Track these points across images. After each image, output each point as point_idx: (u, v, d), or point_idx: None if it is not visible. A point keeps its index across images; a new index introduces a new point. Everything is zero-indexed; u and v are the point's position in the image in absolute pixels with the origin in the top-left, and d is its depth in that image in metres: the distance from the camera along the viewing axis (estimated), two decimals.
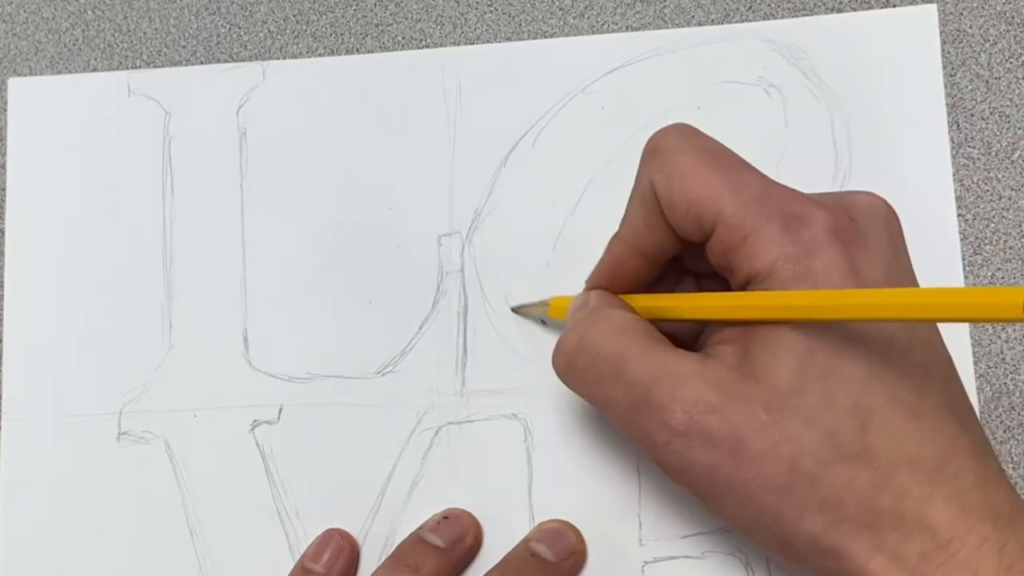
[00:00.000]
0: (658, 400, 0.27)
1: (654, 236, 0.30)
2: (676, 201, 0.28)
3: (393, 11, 0.40)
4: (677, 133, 0.29)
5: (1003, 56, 0.37)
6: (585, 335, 0.29)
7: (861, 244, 0.27)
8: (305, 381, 0.37)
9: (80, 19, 0.41)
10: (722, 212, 0.27)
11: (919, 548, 0.25)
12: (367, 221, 0.38)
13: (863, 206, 0.28)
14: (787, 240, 0.26)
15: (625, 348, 0.28)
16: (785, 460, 0.25)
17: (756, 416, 0.26)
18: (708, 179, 0.28)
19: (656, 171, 0.29)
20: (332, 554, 0.35)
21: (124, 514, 0.36)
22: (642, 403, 0.27)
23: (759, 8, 0.38)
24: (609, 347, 0.28)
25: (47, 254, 0.38)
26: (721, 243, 0.27)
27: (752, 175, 0.28)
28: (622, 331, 0.28)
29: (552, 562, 0.34)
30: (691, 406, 0.26)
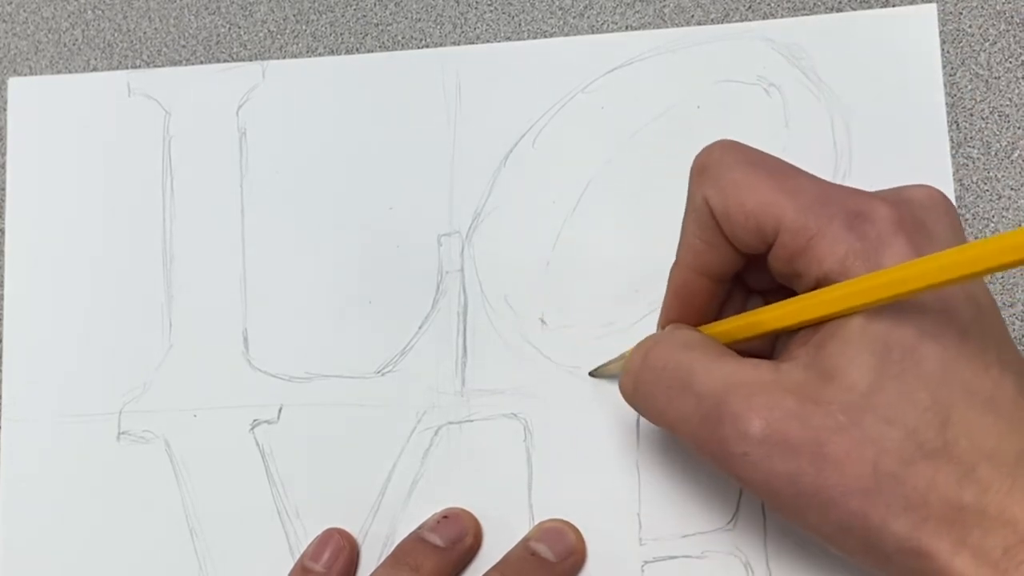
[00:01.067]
0: (732, 410, 0.26)
1: (715, 254, 0.29)
2: (733, 214, 0.28)
3: (393, 11, 0.40)
4: (723, 148, 0.29)
5: (1003, 56, 0.37)
6: (650, 351, 0.29)
7: (925, 235, 0.27)
8: (305, 381, 0.37)
9: (80, 19, 0.41)
10: (783, 218, 0.27)
11: (1002, 542, 0.25)
12: (367, 221, 0.38)
13: (921, 199, 0.28)
14: (854, 237, 0.26)
15: (693, 360, 0.28)
16: (868, 462, 0.25)
17: (835, 418, 0.25)
18: (763, 187, 0.27)
19: (709, 187, 0.28)
20: (332, 553, 0.35)
21: (124, 514, 0.36)
22: (715, 415, 0.26)
23: (759, 8, 0.38)
24: (676, 361, 0.28)
25: (47, 254, 0.38)
26: (785, 249, 0.27)
27: (806, 179, 0.28)
28: (688, 345, 0.28)
29: (552, 562, 0.34)
30: (767, 413, 0.26)
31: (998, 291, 0.36)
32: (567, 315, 0.36)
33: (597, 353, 0.36)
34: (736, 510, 0.34)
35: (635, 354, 0.29)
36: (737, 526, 0.34)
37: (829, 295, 0.26)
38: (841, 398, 0.25)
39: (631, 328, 0.36)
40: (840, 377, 0.26)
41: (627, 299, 0.36)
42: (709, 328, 0.30)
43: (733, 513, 0.34)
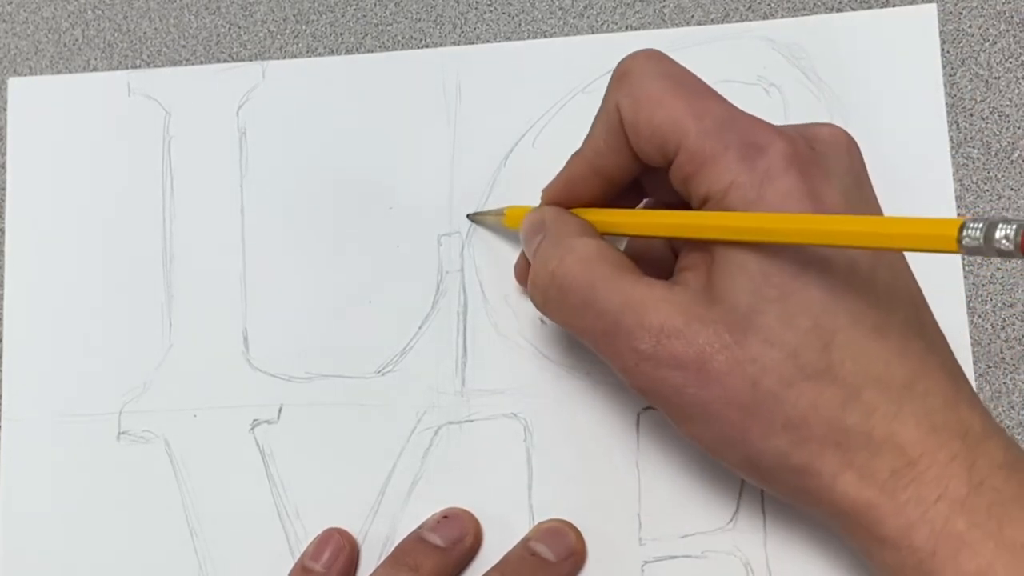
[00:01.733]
0: (627, 327, 0.28)
1: (615, 158, 0.30)
2: (641, 126, 0.29)
3: (393, 11, 0.40)
4: (646, 57, 0.30)
5: (1003, 56, 0.37)
6: (556, 270, 0.30)
7: (820, 170, 0.27)
8: (305, 381, 0.37)
9: (80, 19, 0.41)
10: (684, 139, 0.28)
11: (889, 465, 0.26)
12: (367, 221, 0.38)
13: (824, 136, 0.29)
14: (743, 168, 0.27)
15: (594, 279, 0.29)
16: (748, 379, 0.26)
17: (720, 337, 0.27)
18: (674, 105, 0.28)
19: (623, 95, 0.29)
20: (332, 553, 0.35)
21: (124, 514, 0.36)
22: (612, 330, 0.28)
23: (759, 8, 0.38)
24: (579, 279, 0.29)
25: (47, 254, 0.38)
26: (681, 170, 0.28)
27: (717, 102, 0.29)
28: (589, 262, 0.29)
29: (552, 562, 0.34)
30: (657, 331, 0.27)
31: (998, 291, 0.36)
32: None
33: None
34: (736, 510, 0.34)
35: (541, 270, 0.30)
36: (737, 526, 0.34)
37: (702, 220, 0.27)
38: (726, 318, 0.27)
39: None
40: (725, 299, 0.27)
41: None
42: (589, 213, 0.31)
43: (733, 513, 0.34)
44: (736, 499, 0.34)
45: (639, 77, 0.29)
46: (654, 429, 0.35)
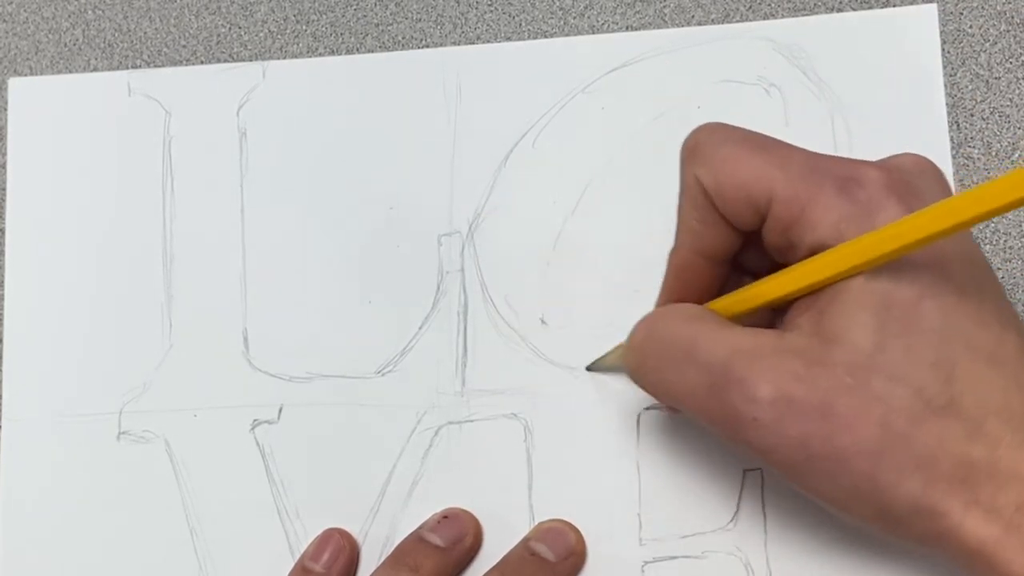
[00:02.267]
0: (739, 375, 0.26)
1: (711, 233, 0.29)
2: (726, 189, 0.28)
3: (393, 11, 0.40)
4: (710, 128, 0.29)
5: (1003, 56, 0.37)
6: (652, 326, 0.29)
7: (917, 197, 0.27)
8: (305, 381, 0.37)
9: (80, 19, 0.41)
10: (774, 189, 0.27)
11: (1015, 499, 0.25)
12: (367, 221, 0.38)
13: (910, 165, 0.28)
14: (846, 202, 0.26)
15: (696, 331, 0.27)
16: (876, 421, 0.25)
17: (841, 380, 0.25)
18: (753, 161, 0.28)
19: (699, 166, 0.29)
20: (332, 554, 0.35)
21: (124, 514, 0.36)
22: (721, 383, 0.26)
23: (759, 8, 0.38)
24: (680, 333, 0.28)
25: (47, 254, 0.38)
26: (779, 221, 0.27)
27: (795, 150, 0.28)
28: (691, 317, 0.28)
29: (552, 562, 0.34)
30: (775, 376, 0.26)
31: None
32: (567, 315, 0.36)
33: (597, 353, 0.36)
34: (736, 510, 0.34)
35: (638, 329, 0.29)
36: (737, 526, 0.34)
37: (825, 259, 0.26)
38: (846, 359, 0.25)
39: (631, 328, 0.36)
40: (844, 339, 0.26)
41: (627, 299, 0.36)
42: (709, 305, 0.30)
43: (733, 513, 0.34)
44: (736, 499, 0.34)
45: (710, 145, 0.29)
46: (654, 429, 0.35)
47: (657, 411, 0.35)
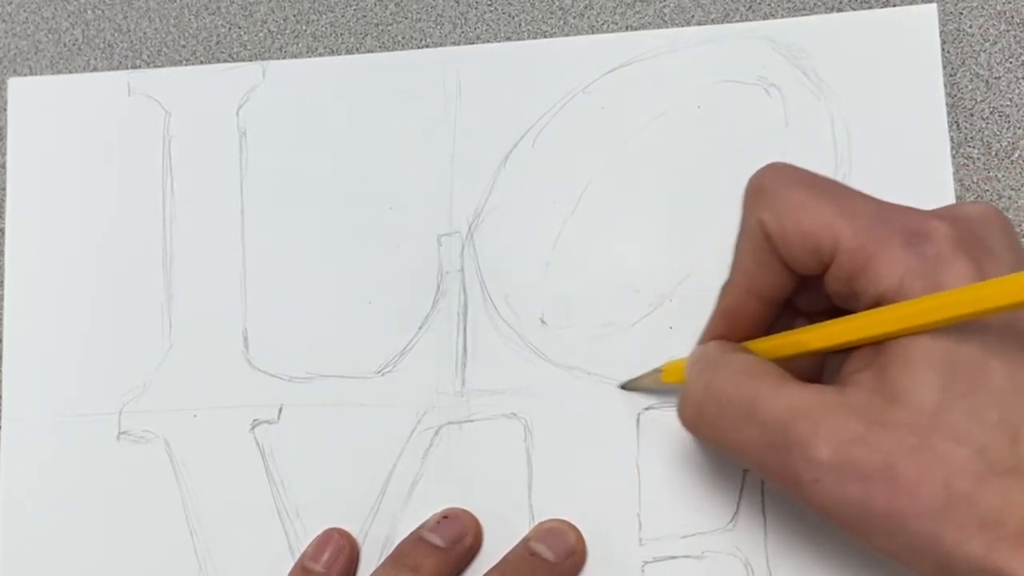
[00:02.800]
0: (799, 437, 0.26)
1: (768, 276, 0.29)
2: (790, 236, 0.28)
3: (393, 11, 0.40)
4: (776, 170, 0.29)
5: (1003, 56, 0.37)
6: (710, 382, 0.28)
7: (985, 252, 0.26)
8: (305, 381, 0.37)
9: (80, 19, 0.41)
10: (840, 239, 0.27)
11: None
12: (367, 221, 0.38)
13: (979, 215, 0.28)
14: (912, 256, 0.26)
15: (755, 389, 0.27)
16: (940, 483, 0.25)
17: (904, 440, 0.25)
18: (820, 208, 0.27)
19: (764, 209, 0.28)
20: (332, 554, 0.35)
21: (124, 514, 0.36)
22: (781, 442, 0.26)
23: (759, 8, 0.38)
24: (738, 391, 0.28)
25: (47, 254, 0.38)
26: (843, 270, 0.27)
27: (862, 198, 0.28)
28: (748, 372, 0.28)
29: (552, 562, 0.34)
30: (836, 438, 0.25)
31: None
32: (567, 315, 0.36)
33: (597, 353, 0.36)
34: (736, 510, 0.34)
35: (694, 382, 0.29)
36: (737, 526, 0.34)
37: (891, 314, 0.26)
38: (909, 419, 0.25)
39: (631, 328, 0.36)
40: (907, 398, 0.25)
41: (627, 299, 0.36)
42: (758, 343, 0.30)
43: (733, 513, 0.34)
44: (736, 499, 0.34)
45: (776, 188, 0.28)
46: (654, 429, 0.35)
47: (657, 411, 0.35)
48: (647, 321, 0.36)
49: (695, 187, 0.37)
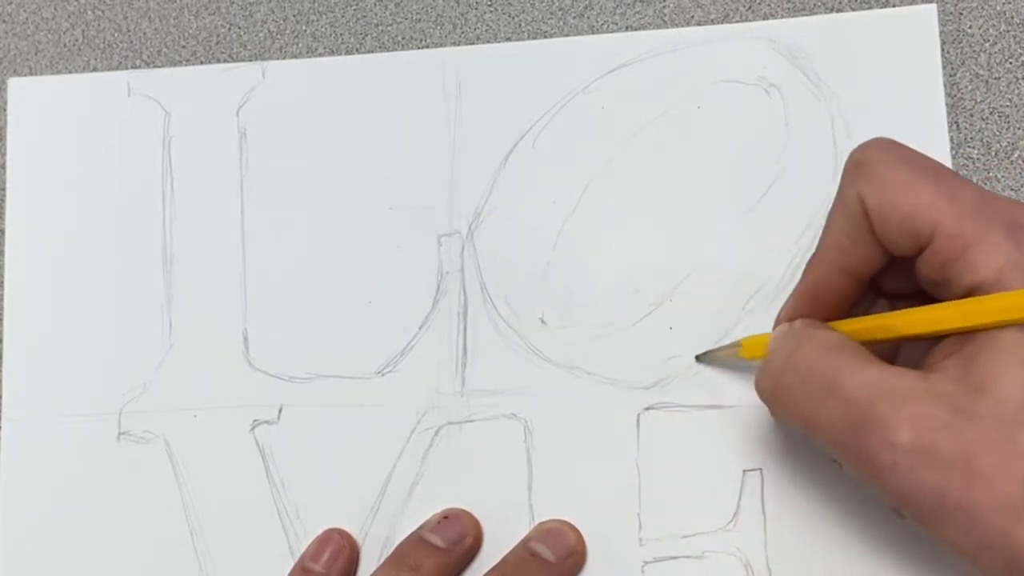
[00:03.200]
0: (881, 417, 0.25)
1: (860, 252, 0.29)
2: (888, 214, 0.27)
3: (393, 11, 0.40)
4: (881, 146, 0.29)
5: (1003, 56, 0.37)
6: (793, 354, 0.28)
7: None
8: (305, 381, 0.37)
9: (80, 19, 0.41)
10: (940, 223, 0.26)
11: None
12: (367, 221, 0.38)
13: None
14: (1013, 247, 0.26)
15: (839, 365, 0.27)
16: (1018, 478, 0.24)
17: (987, 432, 0.25)
18: (922, 190, 0.27)
19: (865, 185, 0.28)
20: (332, 554, 0.35)
21: (124, 514, 0.36)
22: (861, 422, 0.26)
23: (759, 8, 0.38)
24: (821, 365, 0.27)
25: (47, 254, 0.38)
26: (938, 256, 0.27)
27: (967, 184, 0.27)
28: (834, 349, 0.28)
29: (552, 562, 0.34)
30: (918, 423, 0.25)
31: None
32: (567, 315, 0.36)
33: (597, 353, 0.36)
34: (736, 510, 0.34)
35: (776, 354, 0.29)
36: (737, 526, 0.34)
37: (985, 305, 0.26)
38: (994, 412, 0.25)
39: (631, 328, 0.36)
40: (993, 390, 0.25)
41: (627, 299, 0.36)
42: (843, 324, 0.30)
43: (733, 513, 0.34)
44: (736, 499, 0.34)
45: (879, 165, 0.28)
46: (654, 429, 0.35)
47: (657, 411, 0.35)
48: (647, 321, 0.36)
49: (695, 187, 0.37)
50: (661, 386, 0.35)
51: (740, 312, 0.36)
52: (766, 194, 0.36)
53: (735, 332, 0.35)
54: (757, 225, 0.36)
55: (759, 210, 0.36)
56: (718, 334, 0.36)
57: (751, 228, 0.36)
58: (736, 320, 0.36)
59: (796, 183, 0.36)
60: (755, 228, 0.36)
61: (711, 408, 0.35)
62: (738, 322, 0.35)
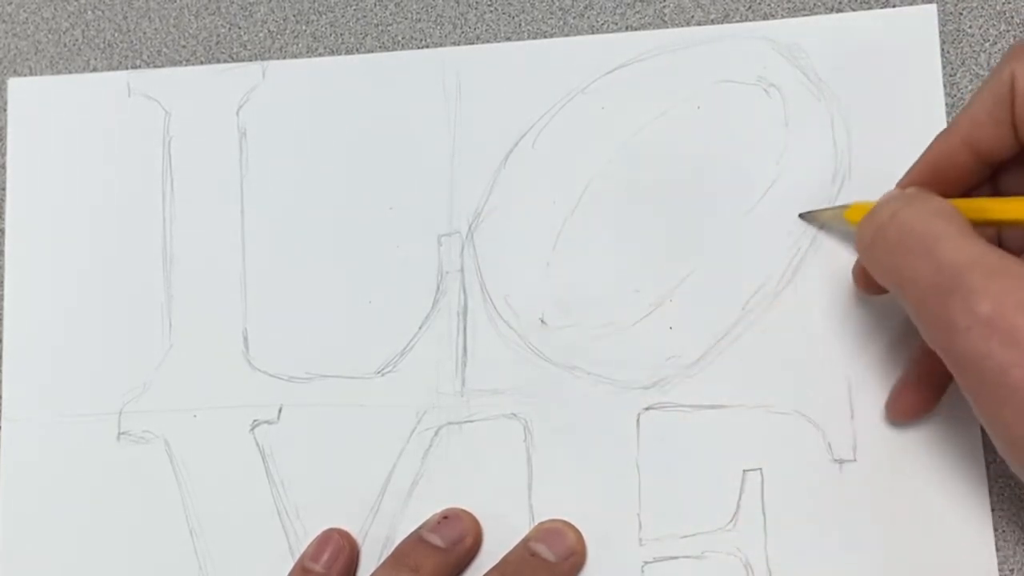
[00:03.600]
0: (968, 285, 0.26)
1: (993, 131, 0.29)
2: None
3: (393, 11, 0.40)
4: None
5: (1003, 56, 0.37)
6: (901, 210, 0.28)
7: None
8: (305, 381, 0.37)
9: (80, 19, 0.41)
10: None
11: None
12: (367, 221, 0.38)
13: None
14: None
15: (942, 230, 0.27)
16: None
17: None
18: None
19: (1019, 63, 0.28)
20: (332, 554, 0.35)
21: (124, 514, 0.36)
22: (949, 285, 0.26)
23: (759, 8, 0.38)
24: (925, 225, 0.28)
25: (47, 254, 0.38)
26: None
27: None
28: (939, 214, 0.28)
29: (552, 562, 0.34)
30: (1004, 299, 0.25)
31: None
32: (567, 315, 0.36)
33: (597, 353, 0.36)
34: (736, 510, 0.34)
35: (884, 208, 0.29)
36: (737, 526, 0.34)
37: None
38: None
39: (631, 328, 0.36)
40: None
41: (627, 299, 0.36)
42: (957, 201, 0.30)
43: (733, 513, 0.34)
44: (736, 499, 0.34)
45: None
46: (654, 429, 0.35)
47: (657, 411, 0.35)
48: (647, 321, 0.36)
49: (695, 187, 0.37)
50: (661, 386, 0.35)
51: (740, 312, 0.36)
52: (766, 194, 0.36)
53: (735, 332, 0.35)
54: (757, 225, 0.36)
55: (759, 210, 0.36)
56: (718, 334, 0.36)
57: (751, 228, 0.36)
58: (736, 320, 0.36)
59: (795, 183, 0.36)
60: (755, 228, 0.36)
61: (711, 408, 0.35)
62: (738, 322, 0.36)
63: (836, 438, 0.35)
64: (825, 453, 0.35)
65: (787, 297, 0.35)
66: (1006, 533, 0.34)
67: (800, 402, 0.35)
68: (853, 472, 0.34)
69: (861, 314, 0.35)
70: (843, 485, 0.34)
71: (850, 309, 0.35)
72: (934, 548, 0.34)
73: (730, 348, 0.35)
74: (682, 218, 0.36)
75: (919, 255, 0.27)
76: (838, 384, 0.35)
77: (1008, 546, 0.34)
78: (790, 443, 0.35)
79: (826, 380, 0.35)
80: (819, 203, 0.36)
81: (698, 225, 0.36)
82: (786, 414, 0.35)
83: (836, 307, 0.35)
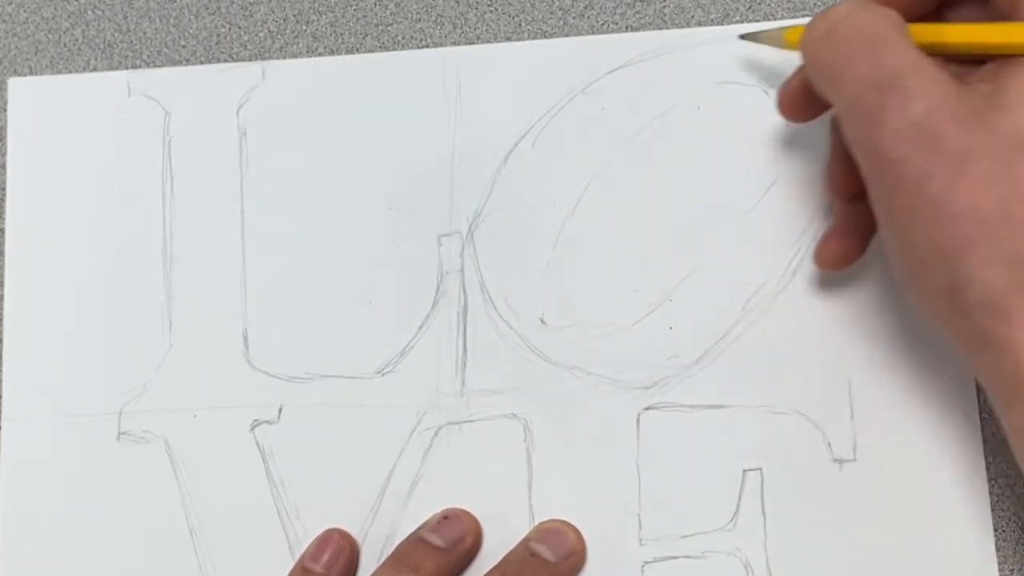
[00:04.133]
0: (906, 85, 0.26)
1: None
2: None
3: (393, 11, 0.40)
4: None
5: None
6: (856, 11, 0.28)
7: None
8: (305, 381, 0.37)
9: (80, 19, 0.41)
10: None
11: None
12: (367, 221, 0.38)
13: None
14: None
15: (891, 35, 0.27)
16: (998, 197, 0.25)
17: (990, 143, 0.25)
18: None
19: None
20: (332, 554, 0.35)
21: (124, 514, 0.36)
22: (888, 84, 0.26)
23: (759, 8, 0.38)
24: (875, 27, 0.28)
25: (47, 254, 0.38)
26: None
27: None
28: (892, 21, 0.28)
29: (552, 562, 0.34)
30: (938, 105, 0.26)
31: None
32: (567, 315, 0.36)
33: (597, 353, 0.36)
34: (736, 510, 0.34)
35: (839, 8, 0.29)
36: (737, 526, 0.34)
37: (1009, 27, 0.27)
38: (1005, 129, 0.25)
39: (631, 328, 0.36)
40: (1011, 111, 0.26)
41: (627, 299, 0.36)
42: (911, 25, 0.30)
43: (733, 513, 0.34)
44: (736, 499, 0.34)
45: None
46: (654, 429, 0.35)
47: (657, 411, 0.35)
48: (647, 321, 0.36)
49: (695, 187, 0.37)
50: (661, 386, 0.35)
51: (740, 312, 0.36)
52: (766, 194, 0.36)
53: (735, 332, 0.35)
54: (757, 225, 0.36)
55: (759, 210, 0.36)
56: (718, 334, 0.36)
57: (751, 228, 0.36)
58: (736, 320, 0.36)
59: (795, 184, 0.36)
60: (755, 228, 0.36)
61: (711, 408, 0.35)
62: (738, 322, 0.36)
63: (836, 438, 0.35)
64: (825, 453, 0.35)
65: (787, 297, 0.36)
66: (1006, 533, 0.34)
67: (800, 402, 0.35)
68: (853, 472, 0.34)
69: (861, 314, 0.35)
70: (843, 485, 0.34)
71: (850, 309, 0.35)
72: (934, 548, 0.34)
73: (730, 348, 0.35)
74: (682, 218, 0.36)
75: (866, 53, 0.27)
76: (838, 384, 0.35)
77: (1008, 546, 0.34)
78: (790, 443, 0.35)
79: (826, 380, 0.35)
80: (820, 202, 0.36)
81: (698, 225, 0.36)
82: (786, 414, 0.35)
83: (836, 307, 0.35)
